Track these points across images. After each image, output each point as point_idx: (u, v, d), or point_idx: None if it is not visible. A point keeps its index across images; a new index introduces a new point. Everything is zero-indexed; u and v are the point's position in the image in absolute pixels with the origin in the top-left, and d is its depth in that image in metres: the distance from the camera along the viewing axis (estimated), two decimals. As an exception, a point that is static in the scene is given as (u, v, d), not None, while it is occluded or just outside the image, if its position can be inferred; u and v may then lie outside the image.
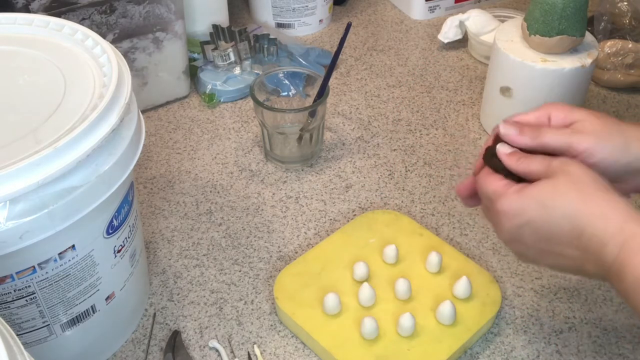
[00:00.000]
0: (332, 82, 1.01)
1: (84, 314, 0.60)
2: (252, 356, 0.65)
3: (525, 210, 0.50)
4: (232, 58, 0.98)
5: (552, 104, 0.57)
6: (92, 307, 0.60)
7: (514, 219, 0.51)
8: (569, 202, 0.48)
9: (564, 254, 0.50)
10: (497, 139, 0.56)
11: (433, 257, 0.70)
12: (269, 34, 1.03)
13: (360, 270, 0.69)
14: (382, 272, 0.70)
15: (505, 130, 0.54)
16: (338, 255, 0.72)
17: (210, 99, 0.97)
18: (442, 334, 0.65)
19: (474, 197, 0.59)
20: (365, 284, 0.67)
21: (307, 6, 1.11)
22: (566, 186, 0.49)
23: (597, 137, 0.52)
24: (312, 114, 0.84)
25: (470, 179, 0.59)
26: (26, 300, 0.55)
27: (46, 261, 0.53)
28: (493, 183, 0.53)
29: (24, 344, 0.49)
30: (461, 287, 0.67)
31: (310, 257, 0.72)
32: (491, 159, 0.55)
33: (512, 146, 0.54)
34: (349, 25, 0.86)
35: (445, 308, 0.65)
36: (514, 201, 0.51)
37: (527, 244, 0.52)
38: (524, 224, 0.50)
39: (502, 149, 0.54)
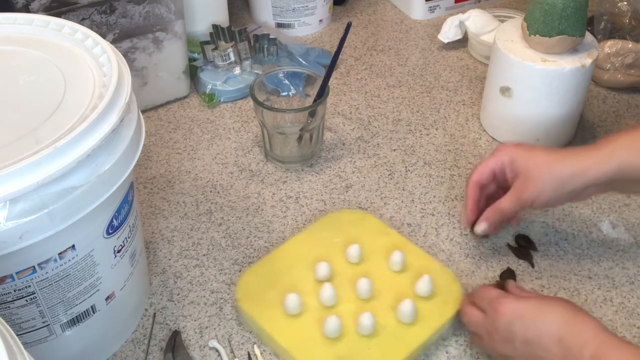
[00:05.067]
0: (332, 82, 1.01)
1: (84, 314, 0.60)
2: (252, 356, 0.65)
3: (521, 311, 0.59)
4: (232, 58, 0.99)
5: (503, 151, 0.70)
6: (92, 307, 0.60)
7: (510, 317, 0.59)
8: (558, 313, 0.57)
9: (545, 358, 0.57)
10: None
11: (396, 256, 0.70)
12: (269, 34, 1.03)
13: (322, 270, 0.69)
14: (344, 271, 0.70)
15: (481, 229, 0.71)
16: (302, 255, 0.72)
17: (210, 99, 0.97)
18: (402, 333, 0.65)
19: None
20: (327, 284, 0.67)
21: (307, 6, 1.11)
22: (558, 302, 0.59)
23: (537, 188, 0.67)
24: (312, 114, 0.84)
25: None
26: (26, 300, 0.55)
27: (46, 261, 0.53)
28: (496, 291, 0.64)
29: (24, 344, 0.49)
30: (423, 285, 0.67)
31: (274, 258, 0.72)
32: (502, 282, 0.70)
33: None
34: (349, 25, 0.86)
35: (406, 307, 0.65)
36: (513, 302, 0.60)
37: (515, 346, 0.59)
38: (517, 321, 0.58)
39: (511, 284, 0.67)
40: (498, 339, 0.60)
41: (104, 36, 0.75)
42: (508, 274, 0.73)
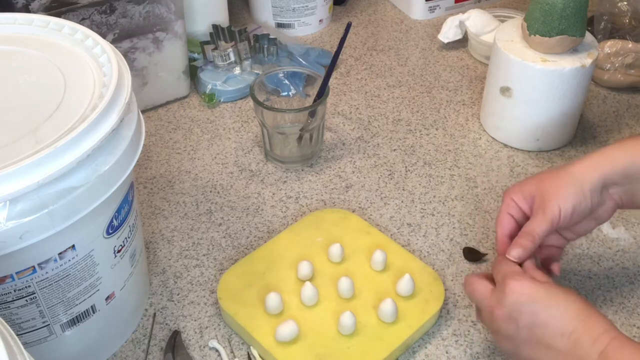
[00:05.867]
0: (332, 82, 1.01)
1: (84, 314, 0.60)
2: (251, 356, 0.65)
3: (534, 293, 0.56)
4: (232, 58, 0.99)
5: (508, 192, 0.65)
6: (92, 307, 0.60)
7: (520, 297, 0.56)
8: (573, 301, 0.55)
9: (551, 346, 0.55)
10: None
11: (377, 255, 0.70)
12: (269, 34, 1.03)
13: (304, 269, 0.69)
14: (326, 270, 0.71)
15: (515, 255, 0.61)
16: (284, 255, 0.72)
17: (210, 99, 0.97)
18: (383, 332, 0.65)
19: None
20: (308, 283, 0.67)
21: (307, 6, 1.11)
22: (572, 293, 0.56)
23: (557, 196, 0.62)
24: (312, 114, 0.84)
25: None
26: (26, 300, 0.55)
27: (46, 261, 0.53)
28: (512, 265, 0.60)
29: (24, 344, 0.49)
30: (404, 284, 0.67)
31: (256, 257, 0.72)
32: None
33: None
34: (349, 25, 0.86)
35: (387, 306, 0.65)
36: (527, 283, 0.56)
37: (519, 327, 0.56)
38: (528, 302, 0.55)
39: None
40: (501, 316, 0.57)
41: (104, 36, 0.75)
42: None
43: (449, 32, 1.08)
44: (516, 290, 0.56)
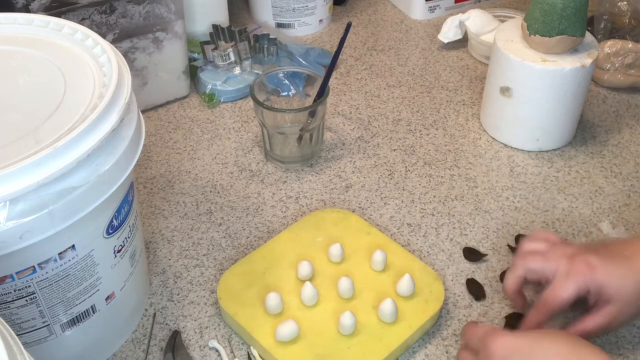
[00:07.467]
0: (332, 82, 1.01)
1: (84, 314, 0.60)
2: (251, 356, 0.66)
3: (516, 344, 0.54)
4: (232, 58, 0.99)
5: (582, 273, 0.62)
6: (92, 307, 0.60)
7: (505, 350, 0.54)
8: (558, 343, 0.54)
9: None
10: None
11: (377, 255, 0.70)
12: (269, 34, 1.03)
13: (304, 269, 0.69)
14: (326, 270, 0.71)
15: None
16: (284, 255, 0.72)
17: (210, 99, 0.97)
18: (383, 332, 0.65)
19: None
20: (307, 283, 0.67)
21: (307, 6, 1.11)
22: (555, 333, 0.56)
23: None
24: (312, 114, 0.84)
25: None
26: (26, 300, 0.55)
27: (46, 261, 0.53)
28: (484, 326, 0.59)
29: (24, 344, 0.49)
30: (404, 284, 0.67)
31: (256, 257, 0.72)
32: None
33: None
34: (349, 25, 0.86)
35: (387, 306, 0.65)
36: (507, 337, 0.55)
37: None
38: (513, 353, 0.54)
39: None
40: None
41: (104, 36, 0.75)
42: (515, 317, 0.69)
43: (449, 32, 1.08)
44: (499, 347, 0.55)
